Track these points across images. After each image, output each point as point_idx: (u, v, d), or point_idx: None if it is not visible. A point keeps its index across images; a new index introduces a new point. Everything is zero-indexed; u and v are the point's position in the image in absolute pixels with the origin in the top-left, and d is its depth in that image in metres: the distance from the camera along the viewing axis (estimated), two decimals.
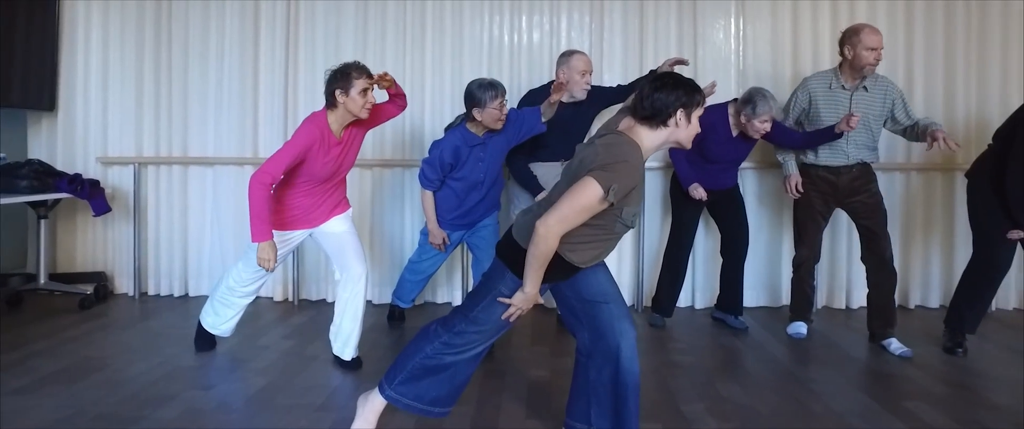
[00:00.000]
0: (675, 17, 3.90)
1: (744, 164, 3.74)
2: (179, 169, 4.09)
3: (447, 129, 3.12)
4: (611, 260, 3.93)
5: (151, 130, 4.06)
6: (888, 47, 3.74)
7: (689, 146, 1.87)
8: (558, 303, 2.02)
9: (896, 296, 3.22)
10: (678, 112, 1.76)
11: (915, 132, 3.12)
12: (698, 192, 3.26)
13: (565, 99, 3.21)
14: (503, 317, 1.85)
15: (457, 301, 4.00)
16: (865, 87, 3.11)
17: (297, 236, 2.77)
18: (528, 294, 1.79)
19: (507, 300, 1.83)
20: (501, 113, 2.91)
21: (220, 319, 2.92)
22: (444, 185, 3.05)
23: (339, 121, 2.59)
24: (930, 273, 3.95)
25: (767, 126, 3.11)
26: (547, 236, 1.69)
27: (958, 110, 3.87)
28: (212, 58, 4.00)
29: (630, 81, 3.82)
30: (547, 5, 3.93)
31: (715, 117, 3.25)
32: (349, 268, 2.78)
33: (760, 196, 3.91)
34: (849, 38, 3.08)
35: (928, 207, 3.94)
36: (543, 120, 3.08)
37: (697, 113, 1.80)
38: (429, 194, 3.06)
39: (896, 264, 3.79)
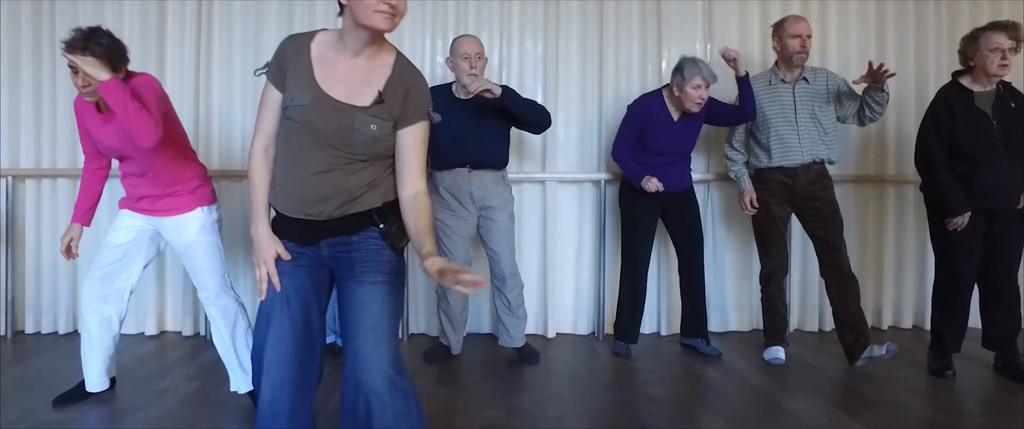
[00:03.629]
0: (638, 13, 3.62)
1: (705, 176, 3.52)
2: (66, 183, 3.49)
3: None
4: (569, 284, 3.59)
5: (30, 138, 3.47)
6: (860, 47, 3.62)
7: (374, 23, 1.37)
8: None
9: (868, 314, 3.06)
10: None
11: (866, 100, 2.95)
12: (652, 183, 2.95)
13: (462, 95, 2.90)
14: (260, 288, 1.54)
15: None
16: (805, 78, 3.04)
17: (136, 223, 2.34)
18: (253, 235, 1.54)
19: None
20: None
21: (87, 371, 2.44)
22: None
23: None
24: (903, 291, 3.74)
25: (700, 92, 2.93)
26: (250, 154, 1.54)
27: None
28: None
29: (586, 85, 3.60)
30: (496, 5, 3.60)
31: (651, 103, 3.07)
32: (206, 287, 2.34)
33: (723, 211, 3.64)
34: (776, 31, 3.07)
35: (900, 222, 3.74)
36: None
37: None
38: None
39: (869, 280, 3.65)
